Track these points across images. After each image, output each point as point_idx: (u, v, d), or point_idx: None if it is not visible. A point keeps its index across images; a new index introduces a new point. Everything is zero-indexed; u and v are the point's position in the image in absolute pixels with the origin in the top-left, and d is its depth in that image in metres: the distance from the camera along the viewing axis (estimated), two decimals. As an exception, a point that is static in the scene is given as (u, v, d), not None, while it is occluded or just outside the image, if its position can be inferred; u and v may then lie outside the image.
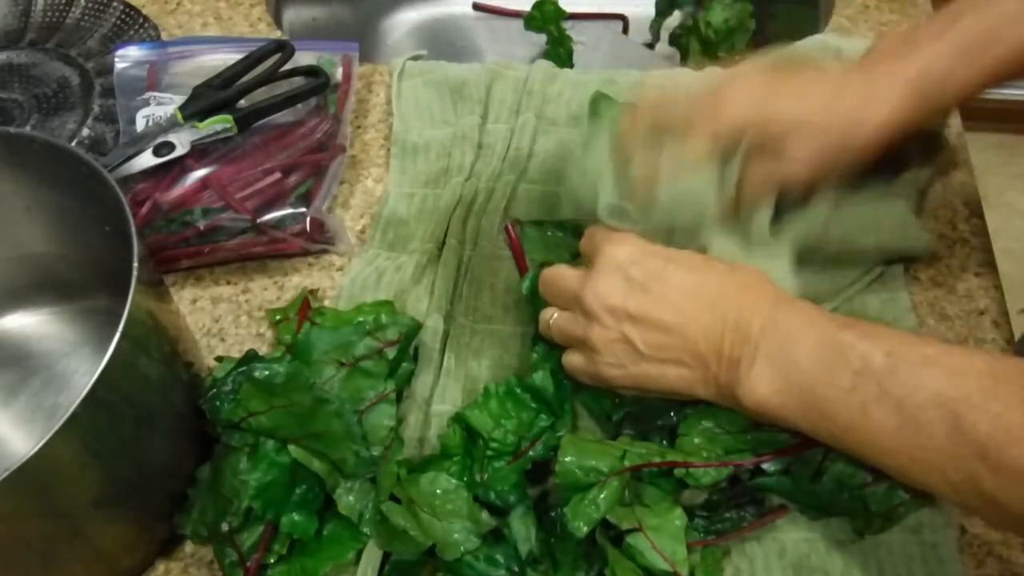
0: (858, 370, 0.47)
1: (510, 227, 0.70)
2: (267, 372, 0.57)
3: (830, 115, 0.56)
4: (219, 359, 0.62)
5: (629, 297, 0.53)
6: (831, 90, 0.57)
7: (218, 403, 0.58)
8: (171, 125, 0.73)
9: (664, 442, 0.58)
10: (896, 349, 0.47)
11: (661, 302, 0.53)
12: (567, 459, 0.53)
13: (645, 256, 0.54)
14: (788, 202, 0.60)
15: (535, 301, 0.63)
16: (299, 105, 0.76)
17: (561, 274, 0.58)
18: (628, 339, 0.53)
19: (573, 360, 0.58)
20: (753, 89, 0.57)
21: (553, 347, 0.62)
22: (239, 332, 0.69)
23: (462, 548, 0.54)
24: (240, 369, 0.60)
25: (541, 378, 0.59)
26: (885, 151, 0.58)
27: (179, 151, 0.71)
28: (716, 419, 0.56)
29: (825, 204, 0.61)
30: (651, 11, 0.95)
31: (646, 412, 0.59)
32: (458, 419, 0.58)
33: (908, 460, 0.46)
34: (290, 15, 1.02)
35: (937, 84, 0.56)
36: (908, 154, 0.66)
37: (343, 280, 0.70)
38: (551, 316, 0.59)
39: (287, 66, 0.77)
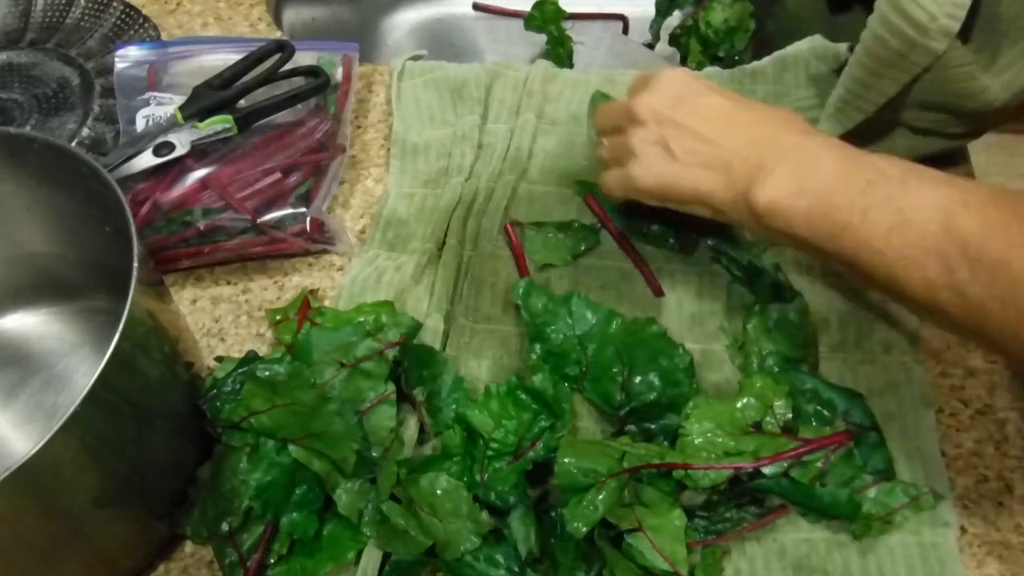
0: (871, 180, 0.50)
1: (510, 227, 0.70)
2: (268, 372, 0.57)
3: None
4: (219, 359, 0.62)
5: (675, 107, 0.59)
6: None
7: (218, 403, 0.58)
8: (171, 125, 0.73)
9: (666, 442, 0.58)
10: (912, 168, 0.51)
11: (703, 114, 0.58)
12: (566, 460, 0.53)
13: (694, 80, 0.60)
14: None
15: (528, 307, 0.63)
16: (299, 105, 0.76)
17: (616, 102, 0.66)
18: (665, 142, 0.58)
19: (610, 176, 0.63)
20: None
21: (551, 351, 0.62)
22: (239, 332, 0.69)
23: (462, 548, 0.54)
24: (241, 369, 0.60)
25: (541, 380, 0.59)
26: None
27: (179, 151, 0.72)
28: (717, 421, 0.56)
29: None
30: (651, 11, 0.95)
31: (651, 410, 0.59)
32: (459, 419, 0.59)
33: (894, 257, 0.49)
34: (290, 15, 1.02)
35: None
36: None
37: (343, 280, 0.70)
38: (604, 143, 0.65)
39: (287, 66, 0.77)
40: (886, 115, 0.66)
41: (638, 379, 0.60)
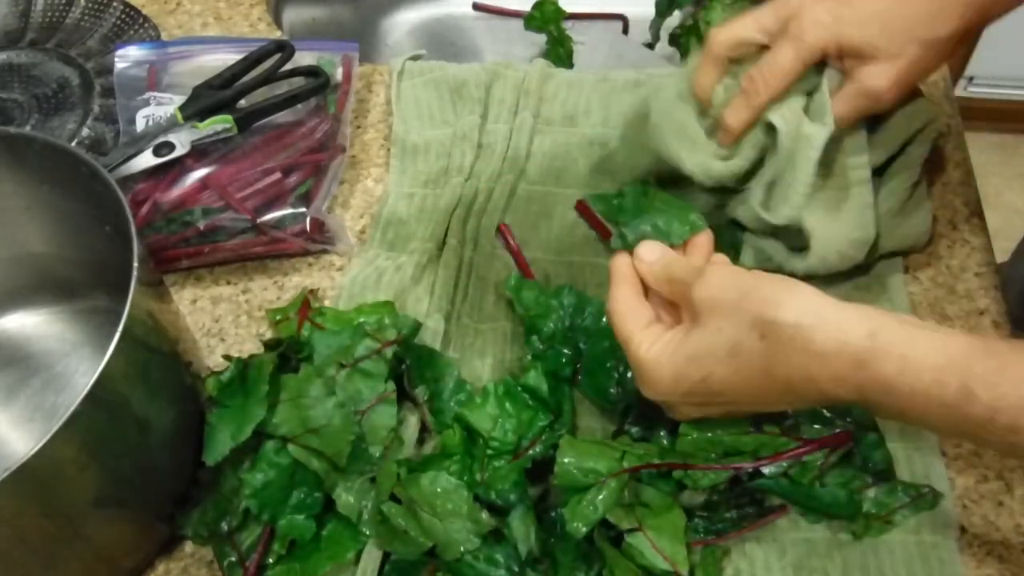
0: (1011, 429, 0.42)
1: (504, 228, 0.70)
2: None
3: (902, 38, 0.57)
4: (227, 357, 0.62)
5: (710, 408, 0.53)
6: (896, 9, 0.57)
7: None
8: (171, 125, 0.73)
9: (666, 441, 0.58)
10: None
11: (735, 404, 0.51)
12: (566, 460, 0.53)
13: (680, 384, 0.50)
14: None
15: (521, 300, 0.64)
16: (299, 105, 0.76)
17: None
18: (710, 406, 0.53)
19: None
20: (821, 15, 0.58)
21: (548, 345, 0.62)
22: (239, 332, 0.69)
23: (462, 548, 0.54)
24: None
25: (533, 377, 0.59)
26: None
27: (179, 151, 0.71)
28: (717, 420, 0.56)
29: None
30: (651, 11, 0.95)
31: (649, 406, 0.59)
32: (458, 419, 0.59)
33: None
34: (290, 15, 1.02)
35: None
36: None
37: (343, 280, 0.70)
38: None
39: (287, 66, 0.77)
40: None
41: (632, 375, 0.60)
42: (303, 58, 0.78)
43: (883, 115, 0.64)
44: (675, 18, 0.94)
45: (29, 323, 0.69)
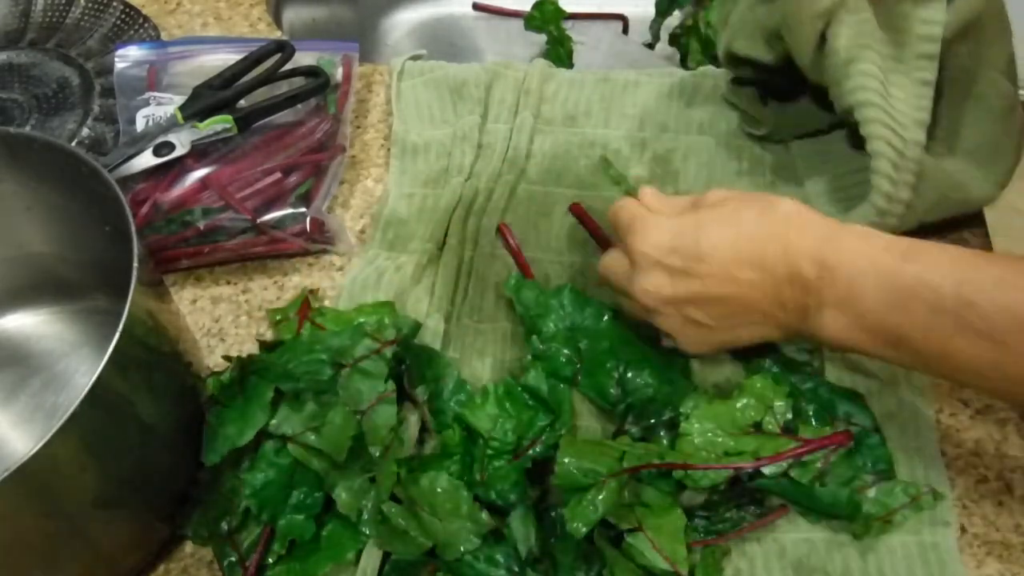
0: (933, 307, 0.47)
1: (504, 228, 0.70)
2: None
3: None
4: (227, 358, 0.62)
5: (678, 285, 0.55)
6: None
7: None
8: (171, 125, 0.73)
9: (665, 439, 0.58)
10: (965, 277, 0.46)
11: (709, 279, 0.54)
12: (566, 460, 0.53)
13: (674, 238, 0.55)
14: None
15: (521, 300, 0.64)
16: (299, 105, 0.76)
17: (611, 267, 0.60)
18: (694, 320, 0.56)
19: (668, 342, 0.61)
20: None
21: (548, 345, 0.62)
22: (239, 332, 0.69)
23: (462, 548, 0.54)
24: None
25: (534, 377, 0.59)
26: None
27: (179, 151, 0.72)
28: (717, 421, 0.56)
29: None
30: (651, 11, 0.95)
31: (648, 406, 0.59)
32: (458, 419, 0.59)
33: (1008, 382, 0.46)
34: (290, 15, 1.02)
35: None
36: None
37: (343, 280, 0.70)
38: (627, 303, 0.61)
39: (287, 66, 0.77)
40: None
41: (632, 375, 0.60)
42: (303, 58, 0.78)
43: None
44: (675, 18, 0.94)
45: (29, 323, 0.69)
